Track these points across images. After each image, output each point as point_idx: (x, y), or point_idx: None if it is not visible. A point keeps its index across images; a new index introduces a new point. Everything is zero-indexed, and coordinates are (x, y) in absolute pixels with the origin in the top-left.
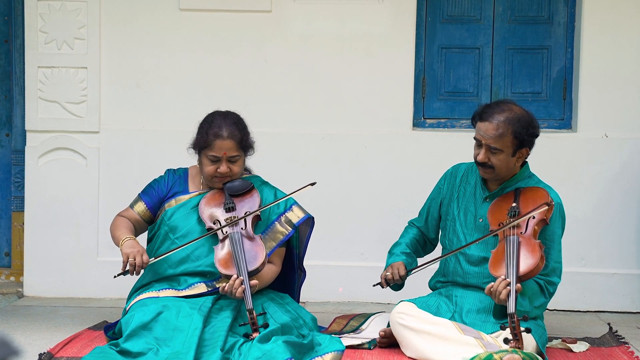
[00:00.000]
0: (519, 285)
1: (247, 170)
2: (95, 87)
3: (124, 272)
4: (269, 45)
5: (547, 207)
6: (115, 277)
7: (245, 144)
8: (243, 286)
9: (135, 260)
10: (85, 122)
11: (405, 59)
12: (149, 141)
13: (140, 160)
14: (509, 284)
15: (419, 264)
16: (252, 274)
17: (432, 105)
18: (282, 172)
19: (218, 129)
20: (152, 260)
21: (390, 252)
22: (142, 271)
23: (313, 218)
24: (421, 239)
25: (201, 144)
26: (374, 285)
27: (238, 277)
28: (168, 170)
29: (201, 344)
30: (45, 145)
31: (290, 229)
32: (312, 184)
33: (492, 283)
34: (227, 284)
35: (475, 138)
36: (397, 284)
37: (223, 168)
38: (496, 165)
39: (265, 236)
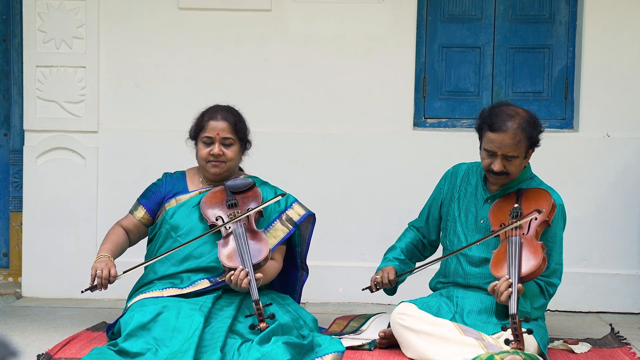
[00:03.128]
0: (520, 285)
1: (241, 170)
2: (94, 87)
3: (92, 288)
4: (269, 45)
5: (550, 209)
6: (82, 292)
7: (239, 130)
8: (249, 277)
9: (102, 273)
10: (84, 121)
11: (405, 58)
12: (148, 141)
13: (139, 160)
14: (511, 284)
15: (416, 267)
16: (256, 267)
17: (432, 104)
18: (282, 172)
19: (213, 113)
20: (121, 275)
21: (385, 257)
22: (109, 286)
23: (314, 215)
24: (419, 243)
25: (197, 129)
26: (363, 290)
27: (243, 268)
28: (165, 173)
29: (201, 345)
30: (43, 145)
31: (291, 227)
32: (283, 195)
33: (495, 282)
34: (233, 274)
35: (486, 149)
36: (389, 289)
37: (216, 149)
38: (512, 172)
39: (267, 234)
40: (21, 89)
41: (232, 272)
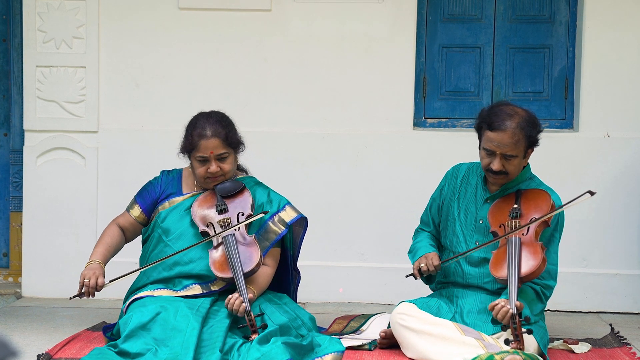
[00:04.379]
0: (519, 302)
1: (243, 170)
2: (94, 87)
3: (80, 294)
4: (269, 45)
5: (554, 213)
6: (70, 298)
7: (231, 141)
8: (241, 298)
9: (89, 282)
10: (84, 121)
11: (405, 58)
12: (148, 141)
13: (139, 160)
14: (508, 311)
15: (461, 252)
16: (247, 275)
17: (432, 104)
18: (282, 172)
19: (201, 129)
20: (108, 284)
21: (415, 248)
22: (96, 294)
23: (306, 219)
24: (435, 240)
25: (188, 147)
26: (407, 276)
27: (237, 289)
28: (162, 171)
29: (200, 345)
30: (43, 145)
31: (283, 228)
32: (265, 213)
33: (495, 302)
34: (229, 303)
35: (485, 148)
36: (429, 275)
37: (213, 168)
38: (511, 171)
39: (259, 236)
40: (21, 89)
41: (223, 284)
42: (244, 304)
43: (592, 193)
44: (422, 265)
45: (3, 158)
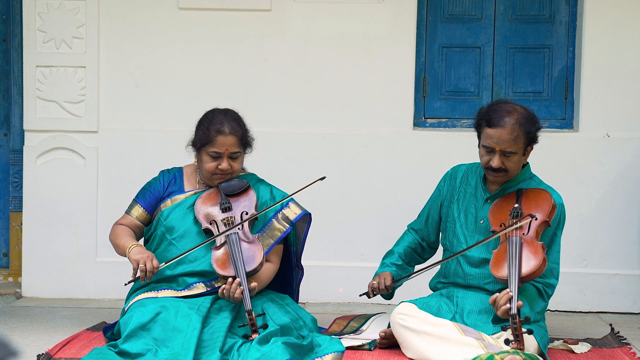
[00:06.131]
0: (520, 302)
1: (242, 168)
2: (94, 87)
3: (135, 279)
4: (269, 45)
5: (550, 210)
6: (126, 284)
7: (245, 141)
8: (241, 287)
9: (145, 265)
10: (84, 121)
11: (405, 58)
12: (148, 141)
13: (139, 160)
14: (511, 298)
15: (414, 271)
16: (250, 275)
17: (432, 104)
18: (282, 171)
19: (220, 125)
20: (162, 265)
21: (382, 262)
22: (152, 277)
23: (310, 214)
24: (417, 246)
25: (202, 141)
26: (361, 295)
27: (235, 278)
28: (162, 171)
29: (200, 345)
30: (43, 145)
31: (287, 226)
32: (322, 179)
33: (496, 294)
34: (225, 287)
35: (484, 145)
36: (386, 294)
37: (224, 165)
38: (510, 168)
39: (263, 234)
40: (21, 89)
41: (225, 282)
42: (241, 287)
43: (533, 216)
44: (374, 283)
45: (3, 158)
